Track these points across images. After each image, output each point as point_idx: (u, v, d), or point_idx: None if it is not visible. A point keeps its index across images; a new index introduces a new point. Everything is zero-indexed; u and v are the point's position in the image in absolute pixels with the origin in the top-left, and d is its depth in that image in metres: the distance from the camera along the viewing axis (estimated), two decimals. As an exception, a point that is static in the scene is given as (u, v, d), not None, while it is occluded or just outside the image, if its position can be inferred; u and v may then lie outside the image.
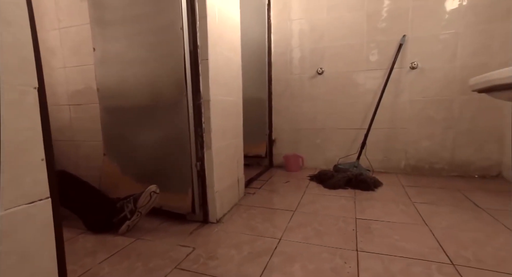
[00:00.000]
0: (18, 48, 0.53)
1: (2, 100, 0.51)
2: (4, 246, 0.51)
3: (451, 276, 0.89)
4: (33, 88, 0.56)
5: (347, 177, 1.90)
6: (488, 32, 1.92)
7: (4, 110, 0.51)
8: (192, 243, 1.16)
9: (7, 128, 0.51)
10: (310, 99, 2.40)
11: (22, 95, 0.54)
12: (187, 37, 1.25)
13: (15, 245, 0.53)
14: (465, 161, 2.06)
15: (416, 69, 2.11)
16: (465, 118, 2.02)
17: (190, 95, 1.28)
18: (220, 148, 1.42)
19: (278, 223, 1.33)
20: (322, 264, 0.97)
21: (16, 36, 0.53)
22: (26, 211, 0.55)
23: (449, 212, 1.41)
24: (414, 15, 2.07)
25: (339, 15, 2.24)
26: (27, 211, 0.55)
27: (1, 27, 0.50)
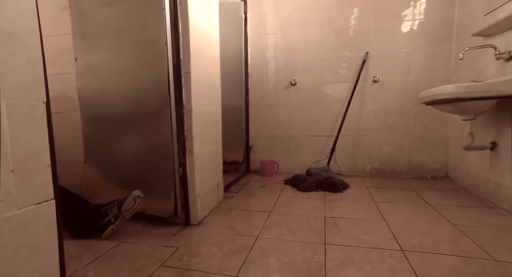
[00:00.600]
0: (32, 69, 0.62)
1: (17, 113, 0.59)
2: (18, 241, 0.58)
3: (399, 259, 1.06)
4: (42, 103, 0.65)
5: (318, 181, 2.07)
6: (434, 53, 2.21)
7: (18, 122, 0.59)
8: (176, 243, 1.24)
9: (21, 137, 0.59)
10: (285, 108, 2.57)
11: (34, 109, 0.62)
12: (170, 52, 1.35)
13: (27, 240, 0.60)
14: (419, 164, 2.32)
15: (377, 82, 2.36)
16: (419, 126, 2.29)
17: (173, 105, 1.37)
18: (201, 154, 1.51)
19: (255, 223, 1.45)
20: (294, 257, 1.10)
21: (31, 58, 0.61)
22: (35, 210, 0.62)
23: (404, 209, 1.61)
24: (375, 35, 2.33)
25: (310, 32, 2.45)
26: (36, 211, 0.62)
27: (19, 52, 0.58)
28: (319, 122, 2.50)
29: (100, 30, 1.51)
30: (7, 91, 0.56)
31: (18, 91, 0.59)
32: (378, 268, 1.01)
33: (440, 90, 1.54)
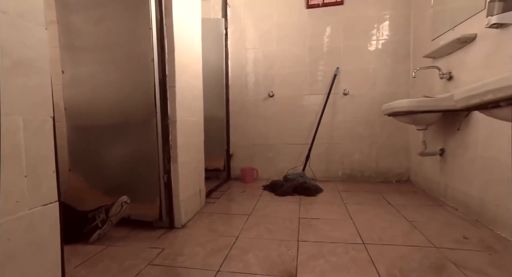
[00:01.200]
0: (42, 89, 0.72)
1: (30, 127, 0.69)
2: (28, 237, 0.68)
3: (361, 251, 1.22)
4: (50, 117, 0.75)
5: (294, 186, 2.22)
6: (396, 69, 2.49)
7: (31, 134, 0.69)
8: (161, 245, 1.33)
9: (33, 147, 0.69)
10: (263, 118, 2.73)
11: (43, 123, 0.72)
12: (157, 68, 1.47)
13: (36, 236, 0.69)
14: (385, 169, 2.55)
15: (347, 95, 2.59)
16: (384, 135, 2.54)
17: (159, 116, 1.48)
18: (185, 162, 1.62)
19: (235, 225, 1.57)
20: (270, 252, 1.24)
21: (42, 80, 0.72)
22: (42, 211, 0.72)
23: (370, 209, 1.80)
24: (345, 52, 2.57)
25: (286, 48, 2.66)
26: (43, 211, 0.72)
27: (33, 75, 0.69)
28: (295, 131, 2.68)
29: (88, 45, 1.60)
30: (23, 108, 0.67)
31: (31, 108, 0.69)
32: (342, 259, 1.16)
33: (397, 103, 1.77)
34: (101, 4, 1.54)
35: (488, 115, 1.00)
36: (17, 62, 0.65)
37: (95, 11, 1.56)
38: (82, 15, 1.60)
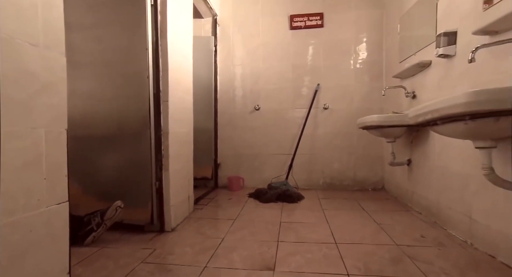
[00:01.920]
0: (60, 106, 0.87)
1: (50, 138, 0.83)
2: (45, 230, 0.80)
3: (332, 249, 1.38)
4: (64, 129, 0.89)
5: (278, 193, 2.38)
6: (370, 86, 2.74)
7: (50, 144, 0.83)
8: (153, 246, 1.45)
9: (51, 155, 0.83)
10: (250, 130, 2.91)
11: (59, 134, 0.86)
12: (152, 84, 1.63)
13: (51, 230, 0.82)
14: (362, 178, 2.76)
15: (327, 109, 2.81)
16: (361, 146, 2.76)
17: (153, 128, 1.63)
18: (175, 170, 1.76)
19: (222, 228, 1.70)
20: (252, 251, 1.38)
21: (61, 99, 0.86)
22: (57, 208, 0.84)
23: (345, 214, 1.97)
24: (325, 70, 2.81)
25: (271, 65, 2.87)
26: (57, 209, 0.85)
27: (55, 95, 0.84)
28: (279, 142, 2.87)
29: (88, 61, 1.74)
30: (46, 122, 0.81)
31: (52, 122, 0.83)
32: (316, 255, 1.32)
33: (369, 118, 1.99)
34: (101, 25, 1.70)
35: (432, 130, 1.21)
36: (44, 85, 0.80)
37: (96, 31, 1.71)
38: (83, 34, 1.74)
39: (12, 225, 0.70)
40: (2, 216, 0.68)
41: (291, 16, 2.84)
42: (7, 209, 0.69)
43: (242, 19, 2.91)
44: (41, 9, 0.78)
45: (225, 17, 2.93)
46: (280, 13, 2.86)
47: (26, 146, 0.75)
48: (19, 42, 0.72)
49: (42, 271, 0.80)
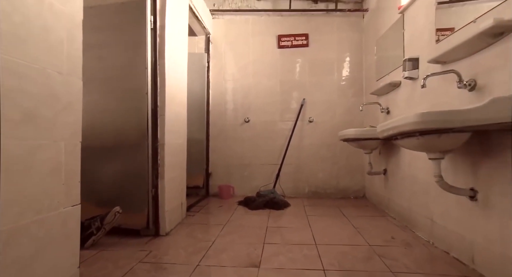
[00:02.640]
0: (76, 122, 1.02)
1: (68, 150, 0.98)
2: (63, 229, 0.94)
3: (312, 249, 1.54)
4: (79, 142, 1.04)
5: (265, 201, 2.54)
6: (351, 102, 2.97)
7: (68, 155, 0.98)
8: (149, 248, 1.57)
9: (68, 164, 0.98)
10: (240, 141, 3.08)
11: (75, 146, 1.02)
12: (150, 99, 1.79)
13: (66, 229, 0.96)
14: (345, 187, 2.95)
15: (312, 122, 3.02)
16: (343, 157, 2.96)
17: (150, 139, 1.78)
18: (170, 178, 1.90)
19: (213, 233, 1.84)
20: (240, 252, 1.52)
21: (77, 116, 1.02)
22: (71, 210, 0.99)
23: (326, 220, 2.14)
24: (310, 86, 3.03)
25: (261, 81, 3.08)
26: (71, 211, 0.99)
27: (73, 114, 0.99)
28: (268, 152, 3.04)
29: (91, 77, 1.86)
30: (65, 136, 0.96)
31: (69, 136, 0.98)
32: (297, 255, 1.48)
33: (347, 132, 2.19)
34: (105, 45, 1.86)
35: (395, 144, 1.41)
36: (65, 105, 0.95)
37: (99, 50, 1.87)
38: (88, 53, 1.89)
39: (38, 222, 0.84)
40: (31, 215, 0.82)
41: (279, 36, 3.07)
42: (35, 208, 0.83)
43: (234, 38, 3.12)
44: (66, 44, 0.95)
45: (218, 35, 3.14)
46: (268, 33, 3.09)
47: (51, 157, 0.89)
48: (49, 72, 0.88)
49: (59, 264, 0.93)
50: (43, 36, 0.86)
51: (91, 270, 1.32)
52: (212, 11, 3.07)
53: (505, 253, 1.09)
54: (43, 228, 0.86)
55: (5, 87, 0.74)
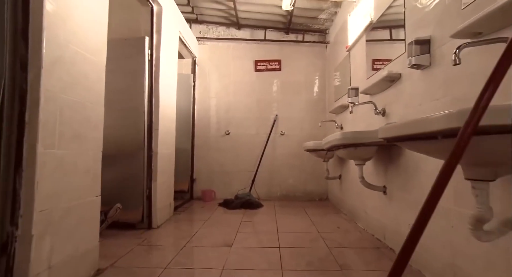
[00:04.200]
0: (99, 137, 1.43)
1: (94, 157, 1.39)
2: (91, 212, 1.34)
3: (274, 235, 1.99)
4: (100, 151, 1.45)
5: (242, 202, 2.97)
6: (316, 118, 3.50)
7: (94, 160, 1.39)
8: (144, 236, 1.96)
9: (95, 167, 1.39)
10: (221, 150, 3.51)
11: (97, 154, 1.43)
12: (146, 116, 2.20)
13: (92, 214, 1.36)
14: (311, 190, 3.44)
15: (284, 135, 3.51)
16: (310, 165, 3.46)
17: (146, 149, 2.18)
18: (161, 182, 2.30)
19: (196, 226, 2.25)
20: (218, 238, 1.94)
21: (99, 134, 1.43)
22: (95, 199, 1.39)
23: (291, 216, 2.60)
24: (282, 104, 3.54)
25: (240, 99, 3.56)
26: (95, 200, 1.39)
27: (97, 132, 1.41)
28: (245, 161, 3.49)
29: (96, 98, 2.28)
30: (93, 147, 1.37)
31: (96, 147, 1.39)
32: (261, 239, 1.92)
33: (308, 144, 2.69)
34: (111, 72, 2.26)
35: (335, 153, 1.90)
36: (94, 126, 1.37)
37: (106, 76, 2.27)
38: (93, 78, 2.30)
39: (79, 205, 1.24)
40: (75, 199, 1.22)
41: (255, 61, 3.59)
42: (77, 196, 1.23)
43: (217, 61, 3.61)
44: (95, 83, 1.38)
45: (203, 59, 3.61)
46: (247, 58, 3.60)
47: (85, 162, 1.30)
48: (86, 103, 1.30)
49: (88, 235, 1.32)
50: (83, 80, 1.29)
51: (102, 249, 1.69)
52: (198, 38, 3.55)
53: (397, 229, 1.59)
54: (81, 209, 1.25)
55: (63, 116, 1.16)
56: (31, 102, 1.03)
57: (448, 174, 0.47)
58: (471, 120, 0.47)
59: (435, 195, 0.47)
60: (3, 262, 0.95)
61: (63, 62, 1.16)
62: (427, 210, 0.47)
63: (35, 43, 1.04)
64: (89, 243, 1.34)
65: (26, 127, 1.01)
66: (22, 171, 1.00)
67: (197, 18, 3.54)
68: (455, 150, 0.47)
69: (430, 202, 0.47)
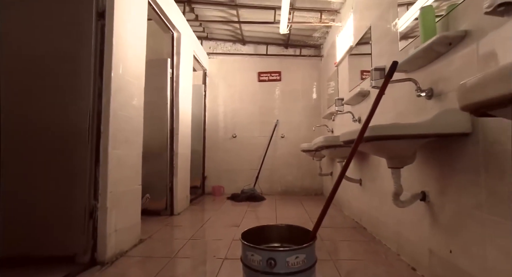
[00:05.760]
0: (140, 142, 1.93)
1: (138, 156, 1.89)
2: (135, 197, 1.84)
3: (273, 221, 2.46)
4: (141, 152, 1.95)
5: (247, 196, 3.44)
6: (311, 122, 3.96)
7: (137, 158, 1.88)
8: (168, 220, 2.45)
9: (137, 163, 1.88)
10: (229, 151, 4.00)
11: (139, 154, 1.92)
12: (169, 124, 2.70)
13: (135, 198, 1.85)
14: (307, 186, 3.90)
15: (284, 137, 3.98)
16: (306, 163, 3.92)
17: (169, 150, 2.68)
18: (181, 177, 2.79)
19: (209, 214, 2.73)
20: (227, 221, 2.42)
21: (141, 138, 1.93)
22: (138, 187, 1.88)
23: (288, 207, 3.06)
24: (282, 110, 4.02)
25: (244, 106, 4.05)
26: (138, 188, 1.88)
27: (139, 136, 1.91)
28: (249, 160, 3.97)
29: (127, 109, 2.79)
30: (136, 148, 1.87)
31: (138, 148, 1.89)
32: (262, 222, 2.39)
33: (303, 145, 3.16)
34: (138, 87, 2.78)
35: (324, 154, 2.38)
36: (137, 132, 1.86)
37: (133, 90, 2.78)
38: (125, 92, 2.81)
39: (129, 191, 1.73)
40: (127, 186, 1.71)
41: (258, 72, 4.07)
42: (128, 184, 1.73)
43: (224, 73, 4.10)
44: (137, 101, 1.88)
45: (212, 71, 4.11)
46: (251, 70, 4.09)
47: (131, 159, 1.79)
48: (132, 116, 1.80)
49: (133, 215, 1.81)
50: (130, 100, 1.78)
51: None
52: (208, 53, 4.05)
53: (369, 212, 2.04)
54: (130, 193, 1.75)
55: (120, 126, 1.65)
56: (104, 119, 1.53)
57: (348, 162, 0.95)
58: (360, 134, 0.94)
59: (342, 175, 0.95)
60: (91, 224, 1.45)
61: (121, 89, 1.65)
62: (337, 183, 0.95)
63: (106, 78, 1.54)
64: (134, 219, 1.84)
65: (102, 135, 1.51)
66: (100, 165, 1.50)
67: (207, 36, 4.04)
68: (352, 151, 0.94)
69: (340, 177, 0.95)
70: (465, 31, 1.03)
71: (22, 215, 1.40)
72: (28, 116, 1.45)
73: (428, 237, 1.29)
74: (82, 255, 1.44)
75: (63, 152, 1.44)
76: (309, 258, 0.93)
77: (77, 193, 1.45)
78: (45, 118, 1.46)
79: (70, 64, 1.49)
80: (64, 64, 1.48)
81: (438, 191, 1.22)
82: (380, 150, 1.26)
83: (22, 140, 1.43)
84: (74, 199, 1.44)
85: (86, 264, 1.42)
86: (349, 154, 1.01)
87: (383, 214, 1.79)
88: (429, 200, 1.28)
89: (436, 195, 1.24)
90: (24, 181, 1.43)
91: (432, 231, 1.26)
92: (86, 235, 1.45)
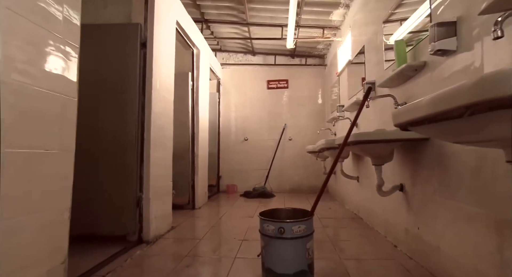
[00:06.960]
0: (171, 147, 2.33)
1: (170, 156, 2.28)
2: (168, 190, 2.23)
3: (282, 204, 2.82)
4: (171, 153, 2.34)
5: (258, 193, 3.81)
6: (317, 126, 4.29)
7: (169, 159, 2.28)
8: (191, 213, 2.84)
9: (169, 163, 2.28)
10: (241, 153, 4.37)
11: (170, 154, 2.32)
12: (190, 129, 3.10)
13: (168, 191, 2.25)
14: (313, 185, 4.23)
15: (291, 140, 4.34)
16: (311, 164, 4.25)
17: (190, 152, 3.08)
18: (200, 175, 3.18)
19: (225, 208, 3.11)
20: (242, 213, 2.79)
21: (171, 141, 2.33)
22: (170, 183, 2.28)
23: (295, 203, 3.41)
24: (289, 115, 4.37)
25: (255, 111, 4.42)
26: (170, 183, 2.28)
27: (170, 140, 2.31)
28: (260, 161, 4.33)
29: (153, 116, 3.21)
30: (169, 150, 2.27)
31: (170, 150, 2.29)
32: (273, 215, 2.75)
33: (308, 147, 3.51)
34: (162, 97, 3.20)
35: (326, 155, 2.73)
36: (168, 138, 2.26)
37: (159, 100, 3.19)
38: (151, 102, 3.23)
39: (166, 185, 2.12)
40: (165, 181, 2.10)
41: (267, 80, 4.45)
42: (162, 180, 2.12)
43: (236, 82, 4.49)
44: (169, 111, 2.28)
45: (226, 80, 4.51)
46: (260, 78, 4.46)
47: (165, 160, 2.19)
48: (165, 125, 2.20)
49: (167, 205, 2.20)
50: (163, 111, 2.18)
51: (166, 220, 2.58)
52: (222, 64, 4.46)
53: (366, 205, 2.38)
54: (164, 188, 2.14)
55: (157, 134, 2.04)
56: (146, 128, 1.92)
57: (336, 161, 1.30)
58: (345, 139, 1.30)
59: (331, 171, 1.31)
60: (137, 211, 1.84)
61: (157, 102, 2.05)
62: (329, 173, 1.31)
63: (148, 95, 1.94)
64: (167, 209, 2.23)
65: (145, 142, 1.91)
66: (143, 165, 1.89)
67: (221, 48, 4.44)
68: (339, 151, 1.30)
69: (330, 172, 1.31)
70: (425, 62, 1.38)
71: (89, 203, 1.80)
72: (95, 127, 1.86)
73: (405, 219, 1.63)
74: (132, 235, 1.83)
75: (119, 154, 1.85)
76: (308, 228, 1.29)
77: (128, 186, 1.85)
78: (106, 128, 1.86)
79: (122, 85, 1.89)
80: (117, 85, 1.89)
81: (411, 183, 1.56)
82: (364, 151, 1.62)
83: (90, 145, 1.83)
84: (126, 191, 1.84)
85: (135, 242, 1.82)
86: (337, 154, 1.36)
87: (375, 205, 2.13)
88: (406, 190, 1.62)
89: (410, 186, 1.58)
90: (91, 177, 1.83)
91: (408, 214, 1.59)
92: (134, 219, 1.84)
